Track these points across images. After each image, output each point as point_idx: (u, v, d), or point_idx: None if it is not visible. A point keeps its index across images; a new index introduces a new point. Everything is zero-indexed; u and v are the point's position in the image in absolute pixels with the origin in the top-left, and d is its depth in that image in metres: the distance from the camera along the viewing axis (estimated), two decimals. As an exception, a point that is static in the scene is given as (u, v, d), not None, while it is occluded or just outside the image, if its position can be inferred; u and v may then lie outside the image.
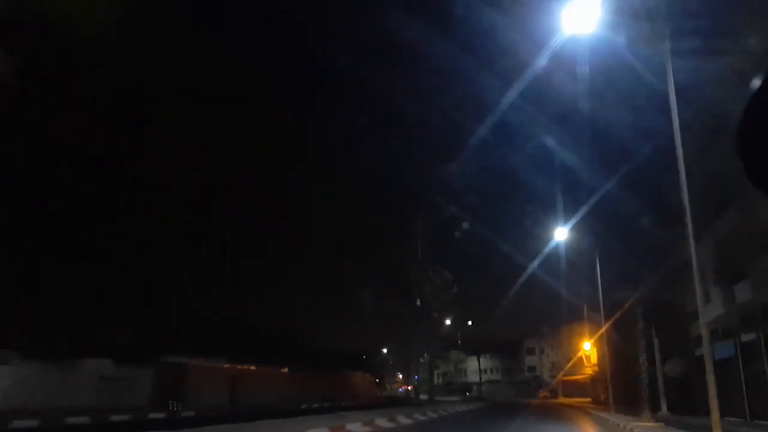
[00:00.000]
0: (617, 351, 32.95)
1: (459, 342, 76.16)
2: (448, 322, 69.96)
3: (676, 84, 10.31)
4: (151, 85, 25.70)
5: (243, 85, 30.30)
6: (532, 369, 78.28)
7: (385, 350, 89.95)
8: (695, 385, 25.04)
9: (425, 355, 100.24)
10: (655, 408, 24.84)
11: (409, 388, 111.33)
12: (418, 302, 29.42)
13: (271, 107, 32.74)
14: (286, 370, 33.46)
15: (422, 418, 19.94)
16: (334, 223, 42.73)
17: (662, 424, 17.36)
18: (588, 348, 51.24)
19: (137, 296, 23.59)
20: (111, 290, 22.24)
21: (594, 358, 51.56)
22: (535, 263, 25.55)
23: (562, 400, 59.62)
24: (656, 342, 27.02)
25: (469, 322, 70.18)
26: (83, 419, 14.92)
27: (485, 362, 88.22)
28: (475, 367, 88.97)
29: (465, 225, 42.64)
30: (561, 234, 24.22)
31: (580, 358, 57.91)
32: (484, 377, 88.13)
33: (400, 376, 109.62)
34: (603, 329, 25.54)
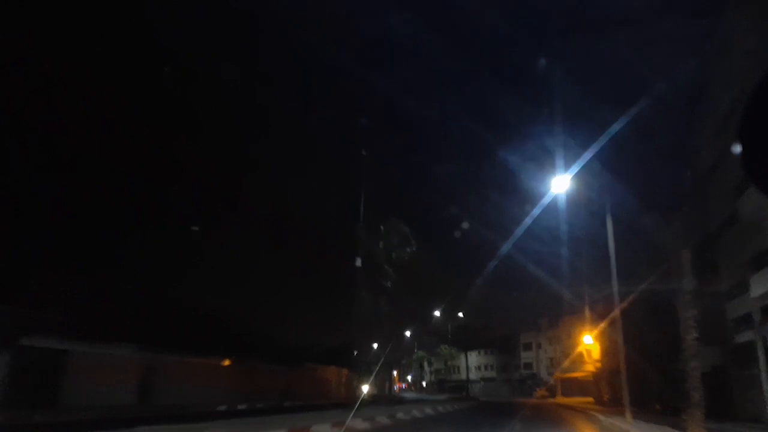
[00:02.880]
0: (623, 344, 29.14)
1: (449, 336, 70.69)
2: (437, 313, 64.56)
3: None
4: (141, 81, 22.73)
5: (239, 84, 26.24)
6: (528, 366, 72.69)
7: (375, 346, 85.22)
8: (735, 381, 19.35)
9: (416, 350, 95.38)
10: (681, 411, 19.10)
11: (403, 386, 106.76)
12: (358, 262, 22.75)
13: (267, 104, 27.80)
14: (228, 362, 27.67)
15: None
16: (319, 211, 36.83)
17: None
18: (589, 342, 46.10)
19: None
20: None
21: (596, 353, 46.51)
22: (533, 215, 19.85)
23: (561, 399, 54.04)
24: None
25: (460, 314, 64.49)
26: None
27: (479, 359, 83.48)
28: (471, 364, 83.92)
29: (465, 225, 41.34)
30: (561, 184, 18.38)
31: (580, 354, 52.84)
32: (479, 374, 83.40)
33: (395, 373, 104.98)
34: (615, 312, 19.77)
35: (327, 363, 47.26)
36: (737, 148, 2.23)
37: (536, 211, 19.61)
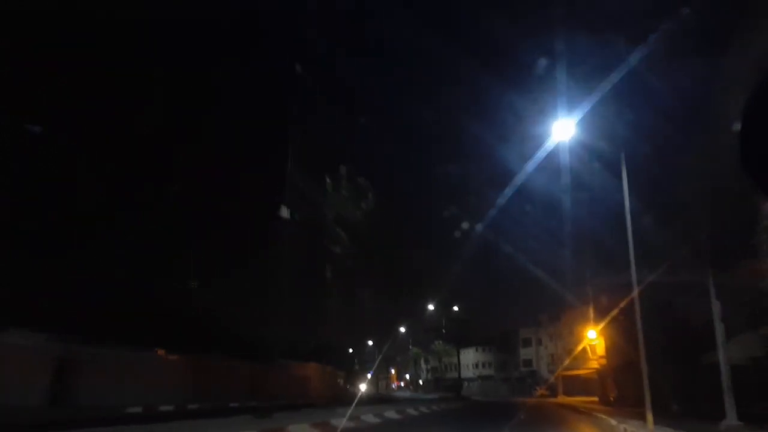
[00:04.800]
0: (629, 337, 26.12)
1: (444, 331, 67.04)
2: (431, 307, 61.01)
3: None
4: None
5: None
6: (528, 363, 68.93)
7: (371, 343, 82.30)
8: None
9: (411, 347, 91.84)
10: (716, 413, 15.39)
11: (401, 384, 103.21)
12: (285, 212, 18.09)
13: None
14: (169, 355, 23.90)
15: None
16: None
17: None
18: (593, 337, 42.66)
19: None
20: None
21: (600, 349, 43.01)
22: (536, 159, 16.17)
23: (562, 399, 50.35)
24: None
25: (455, 308, 60.81)
26: None
27: (477, 356, 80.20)
28: (468, 361, 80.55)
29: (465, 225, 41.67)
30: (564, 129, 14.54)
31: (583, 350, 49.34)
32: (477, 372, 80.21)
33: (393, 371, 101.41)
34: (633, 295, 15.99)
35: (315, 360, 43.48)
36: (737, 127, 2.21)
37: (538, 157, 15.87)
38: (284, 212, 17.67)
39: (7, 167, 17.55)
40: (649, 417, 13.29)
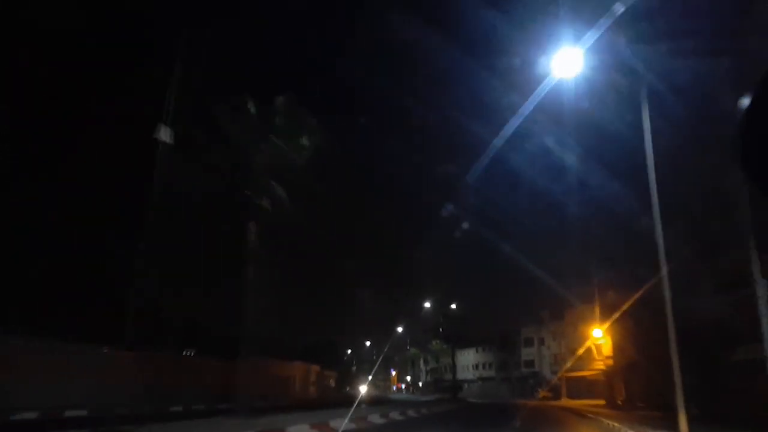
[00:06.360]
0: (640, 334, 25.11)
1: (441, 330, 64.24)
2: (427, 305, 58.34)
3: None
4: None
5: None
6: (529, 363, 65.98)
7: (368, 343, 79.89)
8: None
9: (408, 347, 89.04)
10: (751, 417, 12.59)
11: (402, 386, 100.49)
12: (165, 135, 13.95)
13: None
14: (126, 353, 21.10)
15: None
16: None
17: None
18: (599, 336, 40.15)
19: None
20: None
21: (607, 349, 40.41)
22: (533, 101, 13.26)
23: (566, 401, 47.52)
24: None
25: (453, 306, 57.98)
26: None
27: (477, 356, 77.47)
28: (468, 362, 77.85)
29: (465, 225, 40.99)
30: (568, 64, 11.62)
31: (588, 350, 46.67)
32: (477, 374, 77.50)
33: (393, 372, 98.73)
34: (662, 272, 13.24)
35: (310, 361, 40.90)
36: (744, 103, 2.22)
37: (536, 98, 13.01)
38: (164, 134, 13.40)
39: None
40: (683, 422, 10.39)
